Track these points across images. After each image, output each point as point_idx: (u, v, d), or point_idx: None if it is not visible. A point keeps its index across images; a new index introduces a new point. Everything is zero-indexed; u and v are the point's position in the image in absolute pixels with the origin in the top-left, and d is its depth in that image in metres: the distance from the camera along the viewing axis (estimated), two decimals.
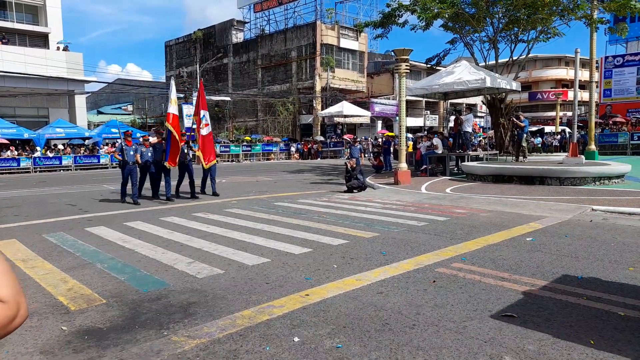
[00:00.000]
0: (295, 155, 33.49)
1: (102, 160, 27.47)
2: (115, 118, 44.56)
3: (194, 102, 32.42)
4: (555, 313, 3.60)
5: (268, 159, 34.08)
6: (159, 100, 52.19)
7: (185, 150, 11.29)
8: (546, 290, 4.11)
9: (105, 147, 29.69)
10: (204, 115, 11.50)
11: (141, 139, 12.26)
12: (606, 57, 32.19)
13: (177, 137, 10.73)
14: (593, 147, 19.73)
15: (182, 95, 35.94)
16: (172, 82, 11.74)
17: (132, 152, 10.57)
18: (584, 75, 37.72)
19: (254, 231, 7.14)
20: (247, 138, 37.44)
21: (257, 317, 3.66)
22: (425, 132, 30.11)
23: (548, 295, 3.99)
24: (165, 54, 51.76)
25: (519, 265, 4.95)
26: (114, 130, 31.96)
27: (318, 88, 37.88)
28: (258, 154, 34.16)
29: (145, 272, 5.03)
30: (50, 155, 25.38)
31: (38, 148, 25.51)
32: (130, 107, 56.81)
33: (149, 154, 10.95)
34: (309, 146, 33.71)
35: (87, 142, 29.61)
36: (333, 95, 37.94)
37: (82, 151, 27.75)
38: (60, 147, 27.20)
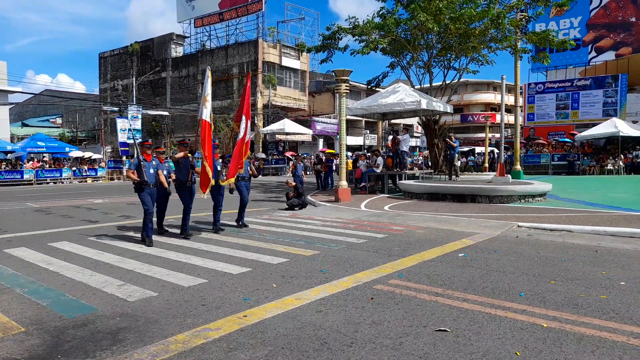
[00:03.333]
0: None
1: (25, 176, 25.66)
2: (42, 131, 41.95)
3: (130, 115, 31.21)
4: (485, 326, 3.76)
5: None
6: (92, 113, 49.84)
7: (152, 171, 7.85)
8: (477, 304, 4.30)
9: (30, 162, 27.81)
10: (242, 123, 8.96)
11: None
12: (529, 84, 34.75)
13: (204, 154, 8.07)
14: (518, 167, 21.10)
15: (116, 109, 34.60)
16: (208, 72, 8.62)
17: (152, 170, 7.72)
18: (510, 99, 40.44)
19: (190, 250, 6.93)
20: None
21: (191, 341, 3.53)
22: (365, 150, 30.86)
23: (478, 309, 4.16)
24: (99, 65, 49.65)
25: (451, 280, 5.14)
26: (40, 143, 30.06)
27: (260, 105, 37.82)
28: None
29: (70, 297, 4.71)
30: None
31: None
32: (59, 120, 53.73)
33: (165, 172, 8.11)
34: None
35: (9, 156, 27.57)
36: (275, 113, 38.04)
37: (3, 166, 25.79)
38: None
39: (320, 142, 40.72)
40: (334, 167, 20.57)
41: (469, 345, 3.39)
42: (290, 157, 33.14)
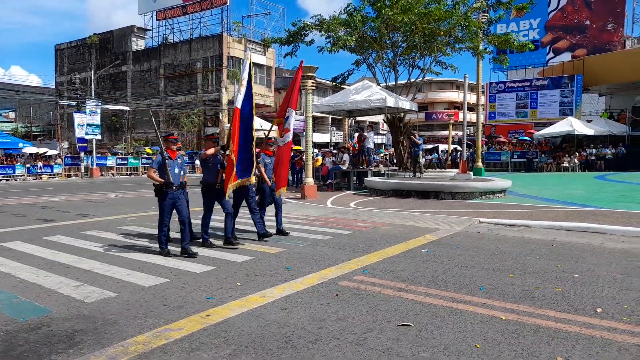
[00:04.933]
0: (201, 169, 32.61)
1: None
2: None
3: (89, 110, 30.09)
4: (446, 320, 3.84)
5: None
6: (47, 108, 47.90)
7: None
8: (439, 299, 4.38)
9: None
10: (288, 117, 7.83)
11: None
12: (490, 83, 35.70)
13: (232, 147, 6.69)
14: (480, 164, 21.69)
15: (73, 103, 33.35)
16: (248, 53, 7.26)
17: (177, 170, 6.45)
18: (472, 98, 41.48)
19: (151, 250, 6.75)
20: (148, 150, 35.68)
21: (152, 342, 3.44)
22: (332, 147, 30.96)
23: (440, 304, 4.24)
24: (55, 58, 47.71)
25: (415, 275, 5.22)
26: None
27: (225, 101, 37.32)
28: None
29: (23, 299, 4.50)
30: None
31: None
32: (12, 114, 51.31)
33: (182, 172, 6.55)
34: None
35: None
36: None
37: None
38: None
39: None
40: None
41: (431, 339, 3.45)
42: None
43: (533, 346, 3.31)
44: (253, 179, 7.11)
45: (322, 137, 42.10)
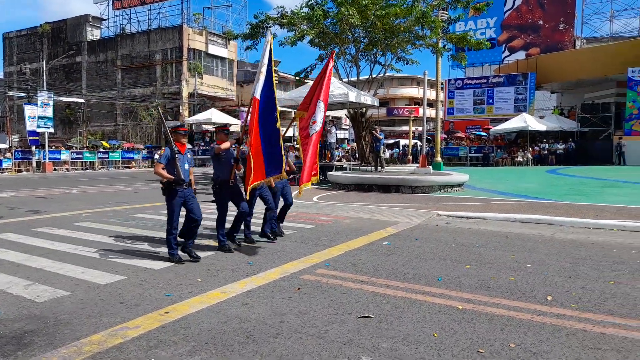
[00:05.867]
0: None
1: None
2: None
3: (41, 102, 28.71)
4: (406, 311, 3.92)
5: (129, 167, 31.80)
6: None
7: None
8: (399, 290, 4.46)
9: None
10: (316, 111, 7.12)
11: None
12: (449, 80, 36.52)
13: (250, 141, 6.05)
14: (439, 159, 22.15)
15: (24, 95, 31.78)
16: (268, 37, 6.30)
17: (187, 166, 5.76)
18: (432, 94, 42.32)
19: (108, 246, 6.54)
20: (105, 144, 34.52)
21: (108, 341, 3.34)
22: (294, 142, 30.83)
23: (400, 295, 4.33)
24: (3, 47, 45.26)
25: (376, 268, 5.30)
26: None
27: (185, 94, 36.51)
28: (117, 162, 31.70)
29: None
30: None
31: None
32: None
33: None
34: None
35: None
36: (201, 102, 36.91)
37: None
38: None
39: None
40: None
41: (391, 330, 3.51)
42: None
43: (488, 334, 3.43)
44: (285, 175, 6.66)
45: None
